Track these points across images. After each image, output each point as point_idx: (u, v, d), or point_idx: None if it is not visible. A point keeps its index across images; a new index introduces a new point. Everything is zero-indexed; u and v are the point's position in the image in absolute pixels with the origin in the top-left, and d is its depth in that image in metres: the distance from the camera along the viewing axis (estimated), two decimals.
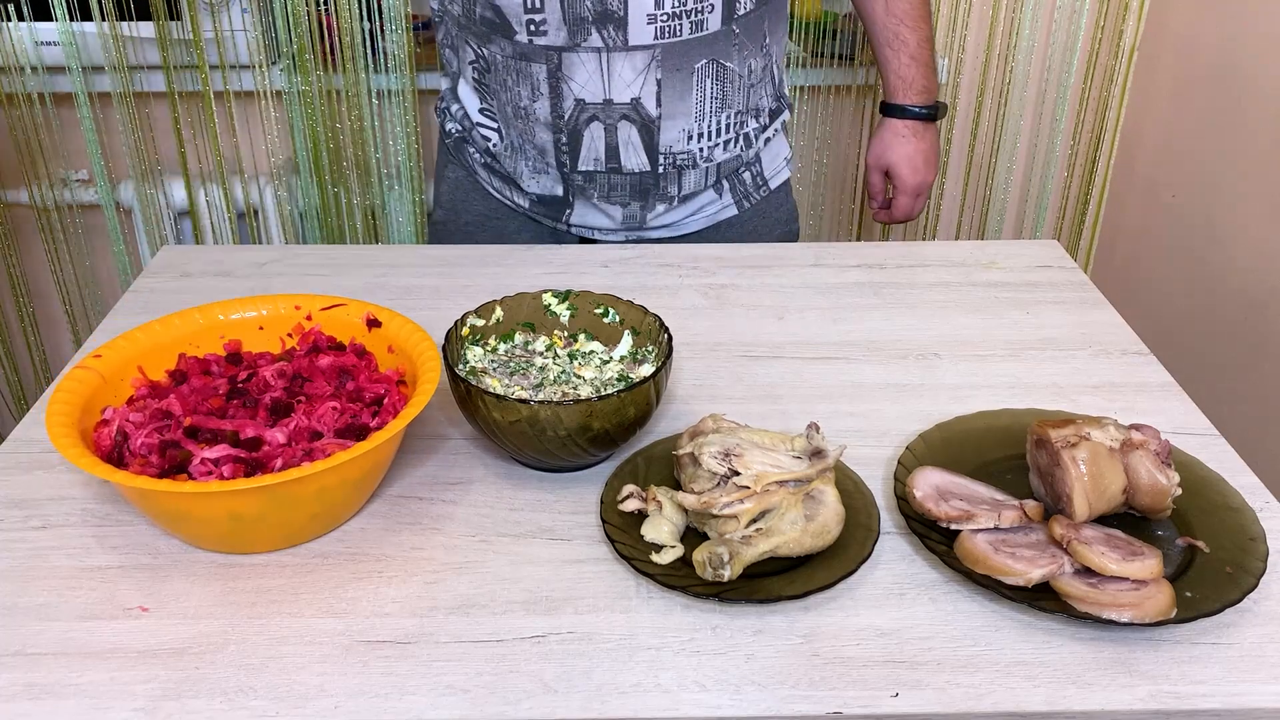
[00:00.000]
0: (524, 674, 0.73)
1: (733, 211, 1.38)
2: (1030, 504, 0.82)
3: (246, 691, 0.71)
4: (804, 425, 0.90)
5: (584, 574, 0.81)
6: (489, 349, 0.99)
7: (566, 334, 1.01)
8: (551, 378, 0.95)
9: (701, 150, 1.29)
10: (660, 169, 1.28)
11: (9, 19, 1.73)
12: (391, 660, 0.73)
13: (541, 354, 0.99)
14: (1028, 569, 0.77)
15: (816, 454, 0.85)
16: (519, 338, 1.01)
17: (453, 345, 0.94)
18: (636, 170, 1.27)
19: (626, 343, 0.99)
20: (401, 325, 0.94)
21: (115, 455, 0.82)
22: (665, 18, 1.17)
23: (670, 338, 0.94)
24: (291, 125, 1.86)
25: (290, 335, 0.98)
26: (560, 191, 1.31)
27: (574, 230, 1.36)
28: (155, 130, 1.90)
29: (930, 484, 0.85)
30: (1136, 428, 0.87)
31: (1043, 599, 0.76)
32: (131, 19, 1.75)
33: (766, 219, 1.40)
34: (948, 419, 0.97)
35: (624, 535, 0.82)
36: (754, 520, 0.81)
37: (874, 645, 0.75)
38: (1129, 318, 1.20)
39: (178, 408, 0.86)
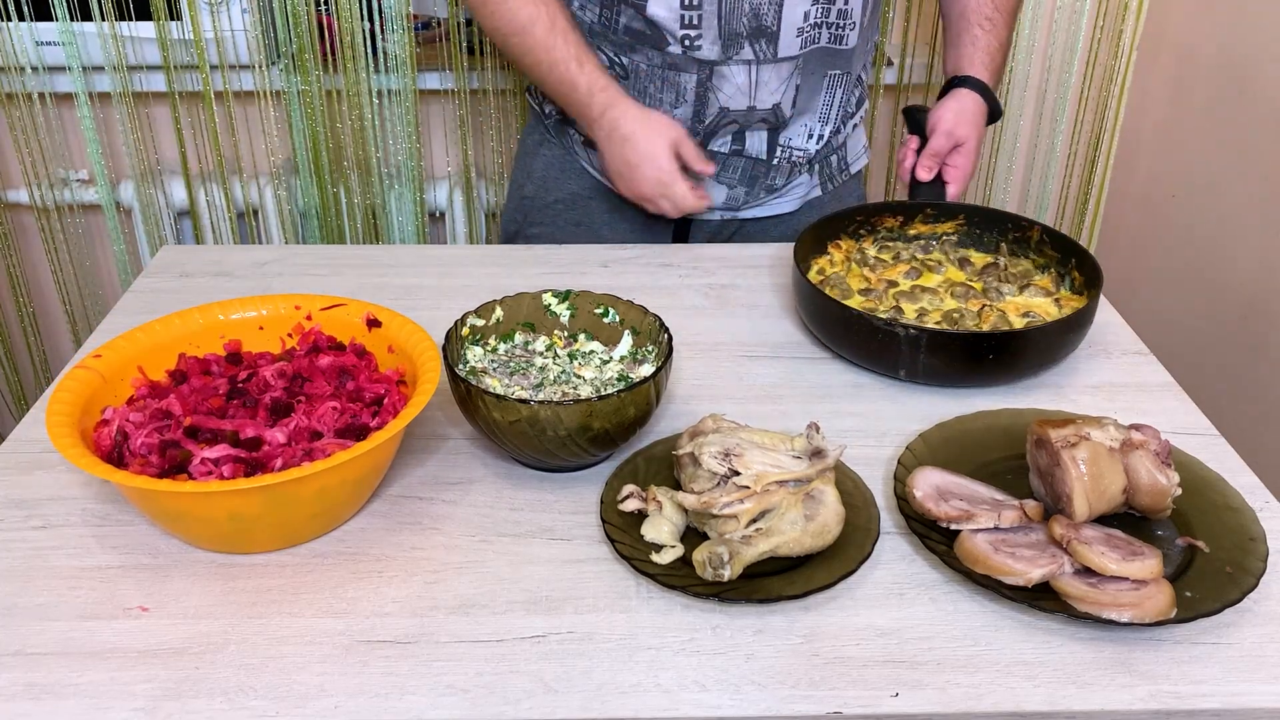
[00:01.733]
0: (524, 674, 0.73)
1: (818, 193, 1.42)
2: (1030, 504, 0.82)
3: (246, 691, 0.71)
4: (804, 425, 0.90)
5: (584, 574, 0.81)
6: (489, 349, 0.99)
7: (566, 334, 1.01)
8: (551, 378, 0.95)
9: (814, 147, 1.35)
10: (775, 160, 1.33)
11: (9, 19, 1.73)
12: (391, 660, 0.73)
13: (541, 354, 0.99)
14: (1028, 569, 0.77)
15: (816, 454, 0.85)
16: (519, 338, 1.00)
17: (453, 345, 0.94)
18: (754, 155, 1.32)
19: (626, 343, 0.99)
20: (401, 325, 0.94)
21: (115, 455, 0.82)
22: (810, 28, 1.23)
23: (670, 338, 0.94)
24: (291, 125, 1.85)
25: (290, 335, 0.98)
26: None
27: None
28: (155, 130, 1.90)
29: (930, 484, 0.85)
30: (1136, 428, 0.87)
31: (1043, 599, 0.76)
32: (131, 19, 1.75)
33: (842, 203, 1.43)
34: (948, 419, 0.97)
35: (624, 535, 0.82)
36: (754, 520, 0.81)
37: (874, 645, 0.75)
38: (1129, 318, 1.20)
39: (178, 408, 0.86)
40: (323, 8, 1.78)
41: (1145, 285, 1.99)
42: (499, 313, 1.00)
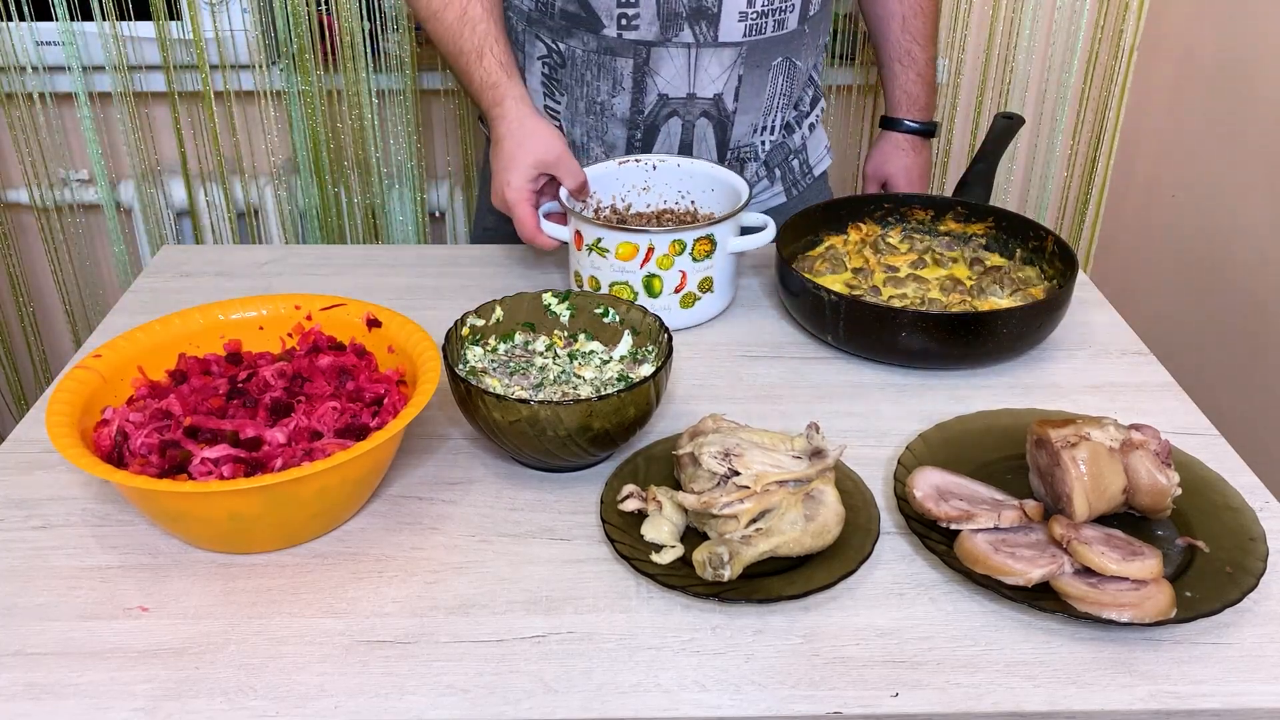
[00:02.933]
0: (524, 674, 0.73)
1: (782, 199, 1.41)
2: (1030, 504, 0.82)
3: (246, 691, 0.71)
4: (804, 425, 0.90)
5: (584, 574, 0.81)
6: (489, 349, 0.99)
7: (566, 334, 1.01)
8: (551, 378, 0.95)
9: (762, 143, 1.33)
10: (726, 163, 1.31)
11: (9, 19, 1.73)
12: (391, 660, 0.73)
13: (541, 354, 0.99)
14: (1028, 569, 0.77)
15: (816, 454, 0.85)
16: (519, 338, 1.00)
17: (453, 345, 0.94)
18: (705, 159, 1.30)
19: (626, 343, 0.99)
20: (401, 325, 0.94)
21: (115, 455, 0.82)
22: (755, 15, 1.20)
23: (670, 338, 0.94)
24: (291, 125, 1.85)
25: (290, 335, 0.98)
26: None
27: None
28: (155, 130, 1.90)
29: (930, 484, 0.85)
30: (1136, 428, 0.87)
31: (1043, 599, 0.76)
32: (131, 19, 1.75)
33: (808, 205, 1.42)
34: (948, 419, 0.97)
35: (624, 535, 0.82)
36: (754, 520, 0.81)
37: (874, 645, 0.75)
38: (1129, 318, 1.20)
39: (178, 408, 0.86)
40: (323, 8, 1.78)
41: (1145, 285, 1.99)
42: (499, 313, 1.00)
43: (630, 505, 0.85)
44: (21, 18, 1.73)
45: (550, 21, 1.24)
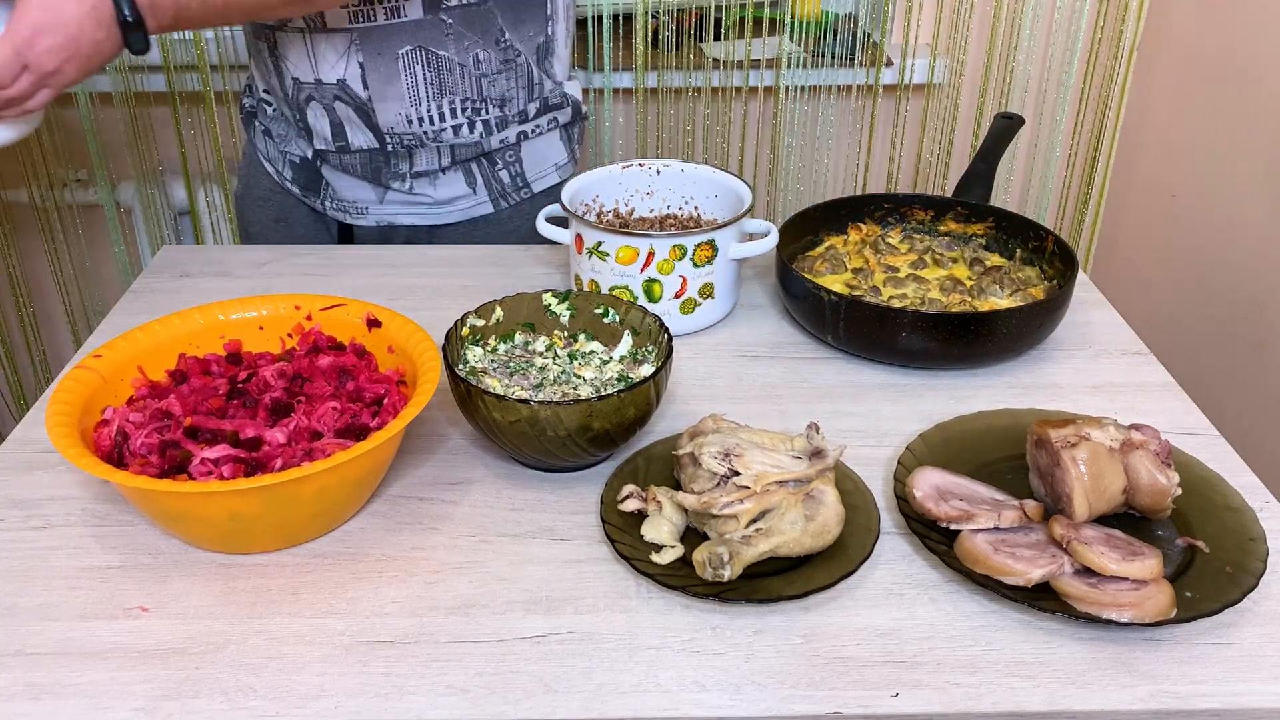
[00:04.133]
0: (524, 674, 0.73)
1: (489, 209, 1.36)
2: (1030, 504, 0.82)
3: (246, 691, 0.71)
4: (804, 425, 0.90)
5: (584, 574, 0.81)
6: (489, 349, 0.99)
7: (566, 334, 1.01)
8: (551, 378, 0.95)
9: (427, 132, 1.29)
10: (389, 147, 1.29)
11: None
12: (391, 660, 0.73)
13: (541, 354, 0.99)
14: (1028, 569, 0.77)
15: (816, 454, 0.85)
16: (519, 338, 1.01)
17: (453, 345, 0.94)
18: (365, 148, 1.30)
19: (626, 343, 0.99)
20: (401, 325, 0.94)
21: (115, 455, 0.82)
22: (357, 2, 1.20)
23: (670, 338, 0.94)
24: None
25: (290, 335, 0.98)
26: (313, 163, 1.35)
27: (330, 214, 1.38)
28: (155, 130, 1.90)
29: (930, 484, 0.85)
30: (1136, 428, 0.87)
31: (1043, 599, 0.76)
32: None
33: (525, 223, 1.37)
34: (948, 419, 0.97)
35: (624, 535, 0.82)
36: (754, 520, 0.81)
37: (874, 645, 0.75)
38: (1129, 318, 1.20)
39: (178, 408, 0.86)
40: None
41: (1145, 285, 1.99)
42: (499, 313, 1.00)
43: (630, 505, 0.85)
44: None
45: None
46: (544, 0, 1.28)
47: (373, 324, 0.96)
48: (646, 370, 0.96)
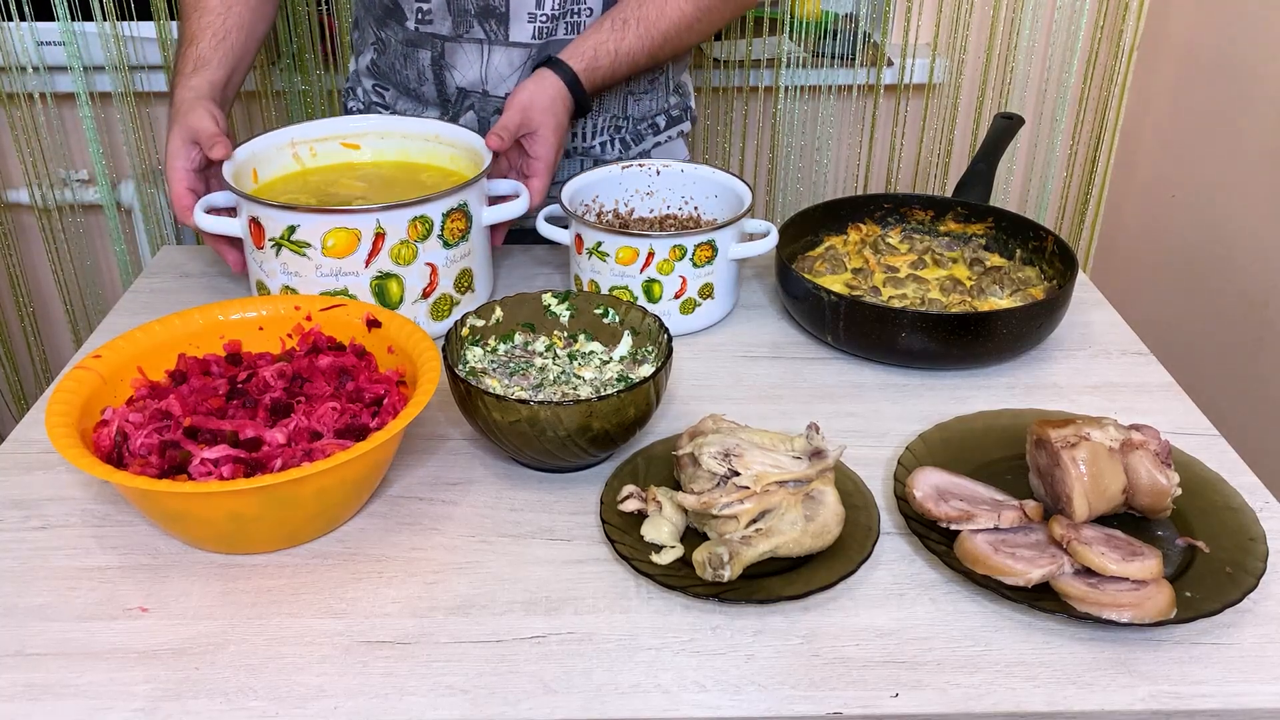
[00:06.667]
0: (524, 674, 0.73)
1: None
2: (1030, 504, 0.82)
3: (246, 692, 0.71)
4: (804, 425, 0.90)
5: (584, 574, 0.81)
6: (489, 349, 0.99)
7: (566, 334, 1.01)
8: (551, 378, 0.95)
9: (577, 147, 1.32)
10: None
11: (9, 19, 1.73)
12: (391, 660, 0.73)
13: (541, 354, 0.99)
14: (1028, 569, 0.77)
15: (816, 454, 0.85)
16: (519, 338, 1.00)
17: (453, 345, 0.94)
18: None
19: (626, 343, 0.99)
20: (401, 325, 0.94)
21: (115, 456, 0.82)
22: (545, 19, 1.21)
23: (670, 338, 0.94)
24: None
25: (290, 335, 0.98)
26: None
27: None
28: (155, 130, 1.90)
29: (930, 484, 0.85)
30: (1136, 428, 0.87)
31: (1043, 599, 0.76)
32: (132, 19, 1.75)
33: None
34: (948, 419, 0.97)
35: (624, 535, 0.82)
36: (754, 520, 0.81)
37: (874, 645, 0.75)
38: (1129, 318, 1.20)
39: (177, 408, 0.86)
40: (323, 8, 1.79)
41: (1145, 285, 1.99)
42: (499, 313, 1.00)
43: (630, 505, 0.85)
44: (22, 18, 1.73)
45: (375, 11, 1.29)
46: None
47: (373, 324, 0.96)
48: (646, 370, 0.96)
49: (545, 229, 1.15)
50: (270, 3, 1.27)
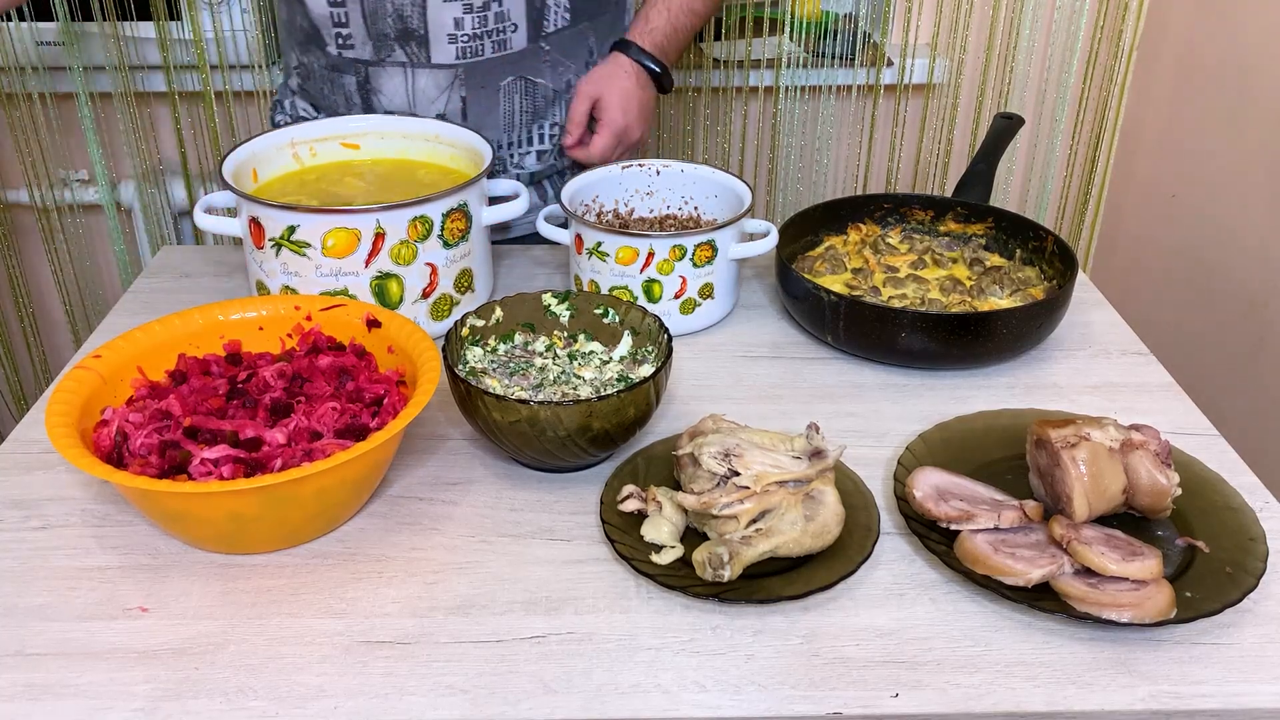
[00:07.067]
0: (524, 674, 0.73)
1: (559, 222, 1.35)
2: (1030, 504, 0.82)
3: (246, 692, 0.71)
4: (804, 425, 0.90)
5: (584, 574, 0.81)
6: (489, 349, 0.99)
7: (566, 334, 1.01)
8: (551, 378, 0.95)
9: (512, 157, 1.31)
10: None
11: (9, 19, 1.73)
12: (391, 660, 0.73)
13: (541, 354, 0.99)
14: (1028, 569, 0.77)
15: (816, 454, 0.85)
16: (519, 338, 1.00)
17: (453, 345, 0.94)
18: None
19: (626, 343, 0.99)
20: (401, 325, 0.94)
21: (115, 456, 0.82)
22: (466, 39, 1.20)
23: (670, 338, 0.94)
24: None
25: (290, 335, 0.98)
26: None
27: None
28: (155, 130, 1.90)
29: (930, 484, 0.85)
30: (1136, 428, 0.87)
31: (1043, 599, 0.76)
32: (131, 19, 1.75)
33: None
34: (948, 419, 0.97)
35: (624, 535, 0.82)
36: (754, 520, 0.81)
37: (874, 645, 0.75)
38: (1129, 318, 1.20)
39: (177, 408, 0.86)
40: None
41: (1145, 285, 1.99)
42: (499, 313, 1.00)
43: (630, 505, 0.85)
44: (21, 18, 1.73)
45: (296, 35, 1.27)
46: (622, 17, 1.30)
47: (373, 324, 0.96)
48: (646, 370, 0.96)
49: (545, 229, 1.15)
50: None
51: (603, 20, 1.30)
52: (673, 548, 0.82)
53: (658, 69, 1.29)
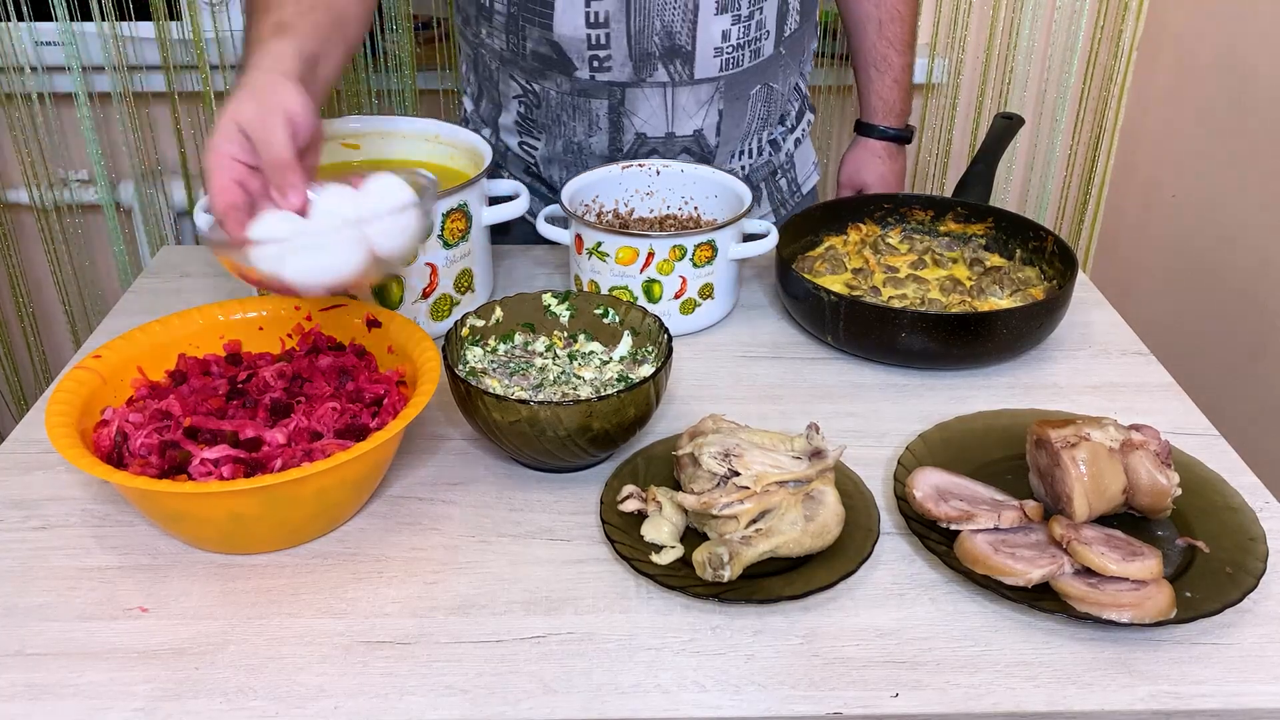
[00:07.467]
0: (524, 674, 0.73)
1: (771, 220, 1.38)
2: (1030, 504, 0.82)
3: (246, 692, 0.71)
4: (804, 425, 0.90)
5: (584, 574, 0.81)
6: (489, 349, 0.99)
7: (566, 334, 1.01)
8: (551, 378, 0.95)
9: (743, 166, 1.32)
10: None
11: (9, 19, 1.73)
12: (391, 660, 0.73)
13: (541, 354, 0.99)
14: (1028, 569, 0.77)
15: (816, 454, 0.85)
16: (519, 338, 1.00)
17: (453, 345, 0.94)
18: None
19: (626, 343, 0.99)
20: (401, 325, 0.94)
21: (115, 456, 0.82)
22: (730, 50, 1.19)
23: (670, 338, 0.94)
24: None
25: (290, 335, 0.98)
26: None
27: None
28: (155, 130, 1.90)
29: (930, 484, 0.85)
30: (1136, 428, 0.87)
31: (1043, 599, 0.76)
32: (131, 19, 1.75)
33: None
34: (948, 419, 0.97)
35: (624, 535, 0.82)
36: (754, 520, 0.81)
37: (874, 645, 0.75)
38: (1129, 318, 1.20)
39: (177, 408, 0.86)
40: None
41: (1145, 285, 1.99)
42: (499, 313, 0.99)
43: (630, 505, 0.85)
44: (21, 18, 1.73)
45: (523, 62, 1.21)
46: (813, 9, 1.30)
47: (373, 324, 0.96)
48: (646, 370, 0.96)
49: (545, 229, 1.15)
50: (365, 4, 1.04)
51: (813, 16, 1.32)
52: (673, 548, 0.82)
53: (904, 135, 1.41)
